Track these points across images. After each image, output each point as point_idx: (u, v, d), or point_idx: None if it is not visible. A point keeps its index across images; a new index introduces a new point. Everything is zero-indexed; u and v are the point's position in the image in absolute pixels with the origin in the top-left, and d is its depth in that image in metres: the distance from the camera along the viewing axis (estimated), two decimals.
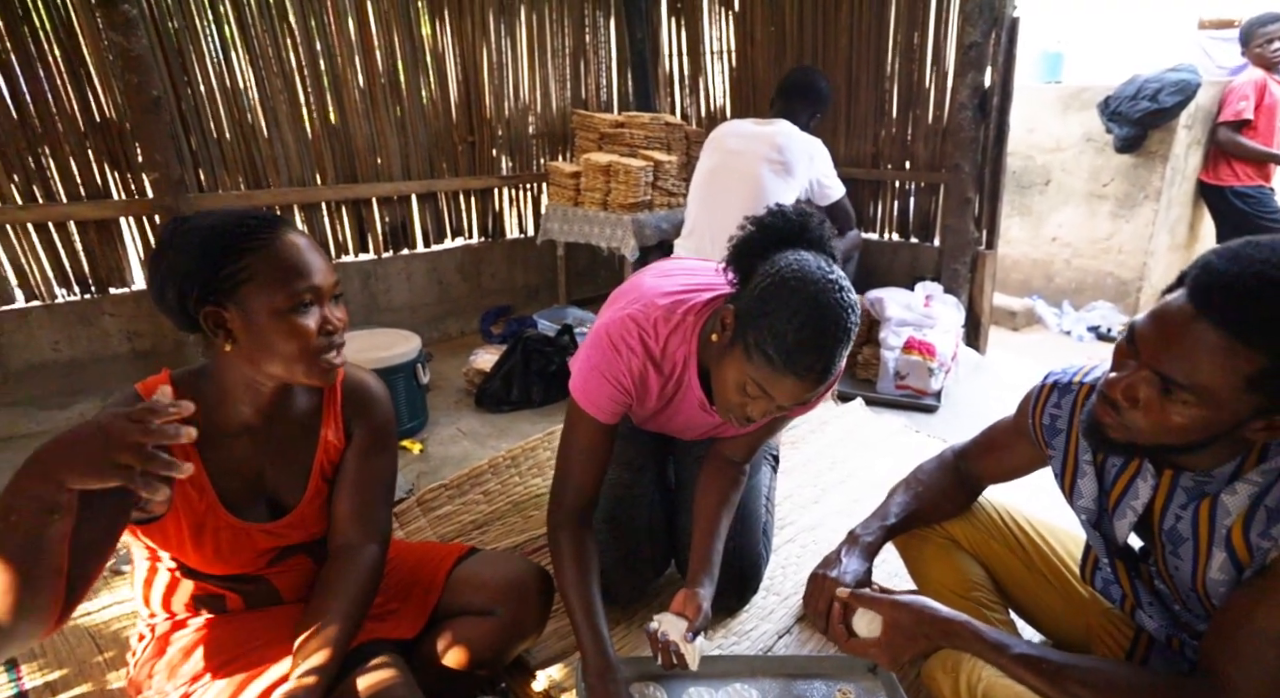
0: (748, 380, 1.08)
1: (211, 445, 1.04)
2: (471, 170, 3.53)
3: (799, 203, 2.64)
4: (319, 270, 1.00)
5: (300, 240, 1.01)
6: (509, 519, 1.99)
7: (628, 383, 1.25)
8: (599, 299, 3.93)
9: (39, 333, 2.48)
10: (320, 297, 1.01)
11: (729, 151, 2.71)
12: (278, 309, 0.96)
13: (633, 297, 1.29)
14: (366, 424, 1.18)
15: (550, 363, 2.87)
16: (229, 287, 0.95)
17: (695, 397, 1.30)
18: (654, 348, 1.24)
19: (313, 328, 0.99)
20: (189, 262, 0.95)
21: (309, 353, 0.99)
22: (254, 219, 0.99)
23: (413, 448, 2.46)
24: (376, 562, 1.16)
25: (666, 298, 1.26)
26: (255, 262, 0.96)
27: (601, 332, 1.26)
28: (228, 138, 2.74)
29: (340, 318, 1.04)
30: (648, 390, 1.29)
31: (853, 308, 1.06)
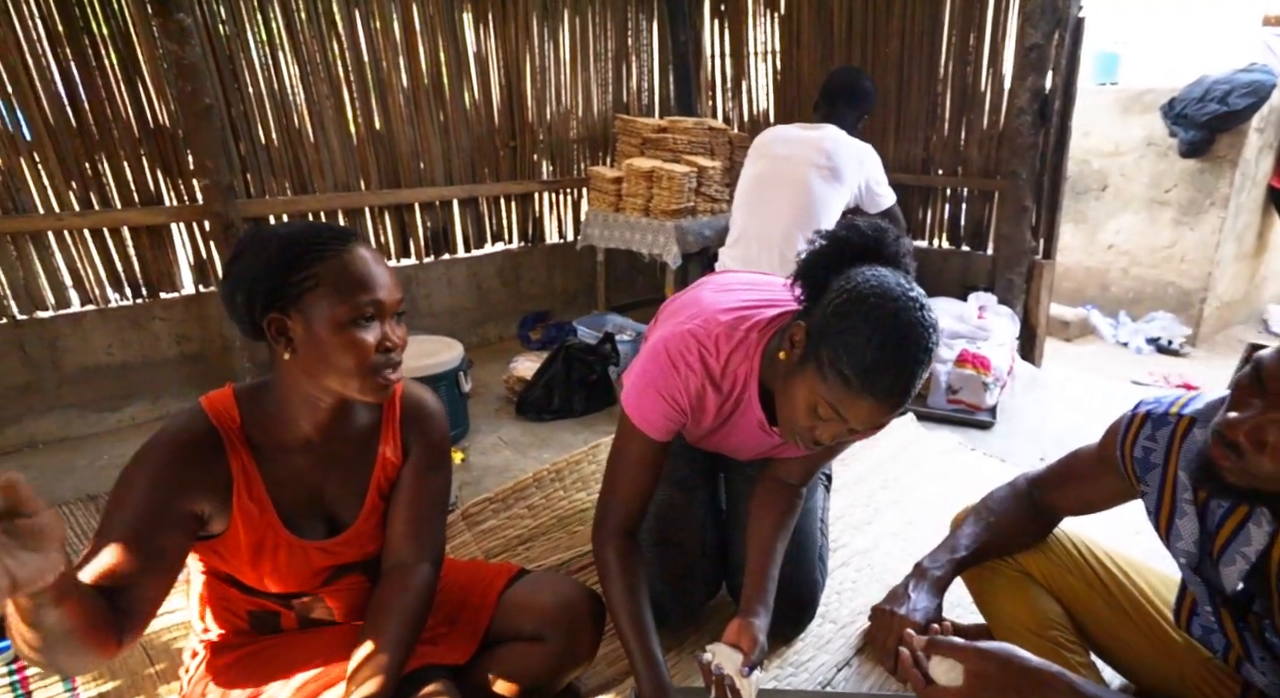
0: (819, 401, 1.03)
1: (271, 461, 1.03)
2: (513, 175, 3.52)
3: (848, 211, 2.57)
4: (383, 286, 0.98)
5: (369, 254, 0.99)
6: (554, 535, 1.96)
7: (684, 402, 1.21)
8: (638, 306, 3.89)
9: (93, 336, 2.52)
10: (382, 312, 0.98)
11: (776, 157, 2.64)
12: (338, 321, 0.94)
13: (692, 311, 1.25)
14: (423, 442, 1.16)
15: (592, 371, 2.83)
16: (294, 294, 0.94)
17: (755, 417, 1.25)
18: (714, 366, 1.19)
19: (371, 343, 0.96)
20: (259, 267, 0.94)
21: (365, 368, 0.97)
22: (328, 231, 0.99)
23: (454, 457, 2.44)
24: (430, 582, 1.13)
25: (729, 314, 1.21)
26: (322, 271, 0.94)
27: (659, 346, 1.21)
28: (275, 144, 2.75)
29: (401, 337, 1.01)
30: (704, 410, 1.24)
31: (934, 327, 1.01)
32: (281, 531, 1.04)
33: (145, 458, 0.95)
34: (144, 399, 2.63)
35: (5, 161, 2.24)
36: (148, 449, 0.95)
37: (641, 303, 3.96)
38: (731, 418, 1.28)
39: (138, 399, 2.62)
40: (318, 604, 1.15)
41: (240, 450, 1.01)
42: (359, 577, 1.15)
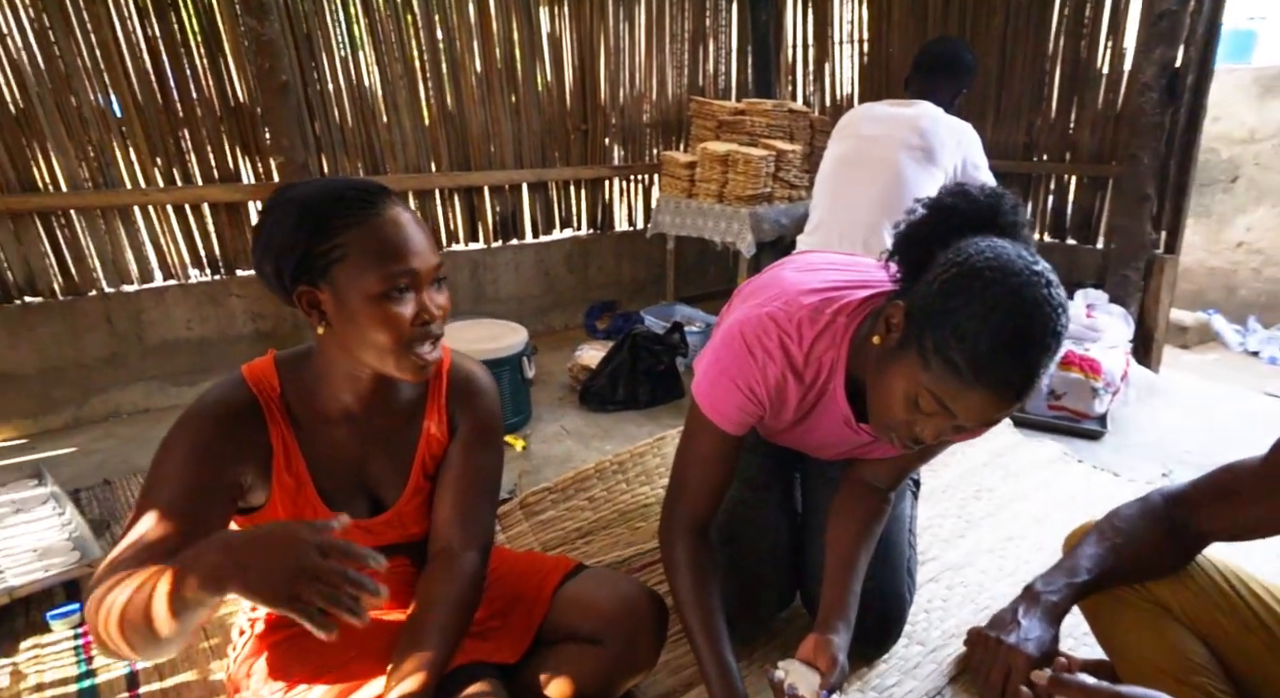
0: (921, 393, 0.89)
1: (311, 434, 0.97)
2: (583, 160, 3.44)
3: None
4: (418, 253, 0.89)
5: (402, 216, 0.90)
6: (615, 530, 1.85)
7: (762, 393, 1.08)
8: (708, 297, 3.76)
9: (174, 311, 2.58)
10: (418, 282, 0.89)
11: (863, 137, 2.44)
12: (370, 294, 0.86)
13: (772, 293, 1.11)
14: (471, 418, 1.08)
15: (659, 362, 2.71)
16: (322, 266, 0.87)
17: (840, 411, 1.11)
18: (796, 353, 1.06)
19: (407, 316, 0.88)
20: (284, 236, 0.87)
21: (401, 344, 0.88)
22: (353, 190, 0.89)
23: (515, 444, 2.37)
24: (476, 572, 1.05)
25: (813, 295, 1.07)
26: (350, 240, 0.86)
27: (735, 331, 1.09)
28: (349, 123, 2.76)
29: (441, 306, 0.93)
30: (784, 402, 1.11)
31: (1063, 307, 0.85)
32: (320, 508, 0.98)
33: (184, 427, 0.90)
34: (220, 374, 2.62)
35: (98, 137, 2.30)
36: (187, 418, 0.90)
37: (712, 294, 3.83)
38: (814, 412, 1.15)
39: (215, 374, 2.67)
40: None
41: (280, 421, 0.95)
42: (403, 560, 1.09)
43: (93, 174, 2.33)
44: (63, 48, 2.19)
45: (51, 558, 1.62)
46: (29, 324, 2.34)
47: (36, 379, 2.39)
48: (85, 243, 2.38)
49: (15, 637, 1.47)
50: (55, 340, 2.39)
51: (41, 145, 2.23)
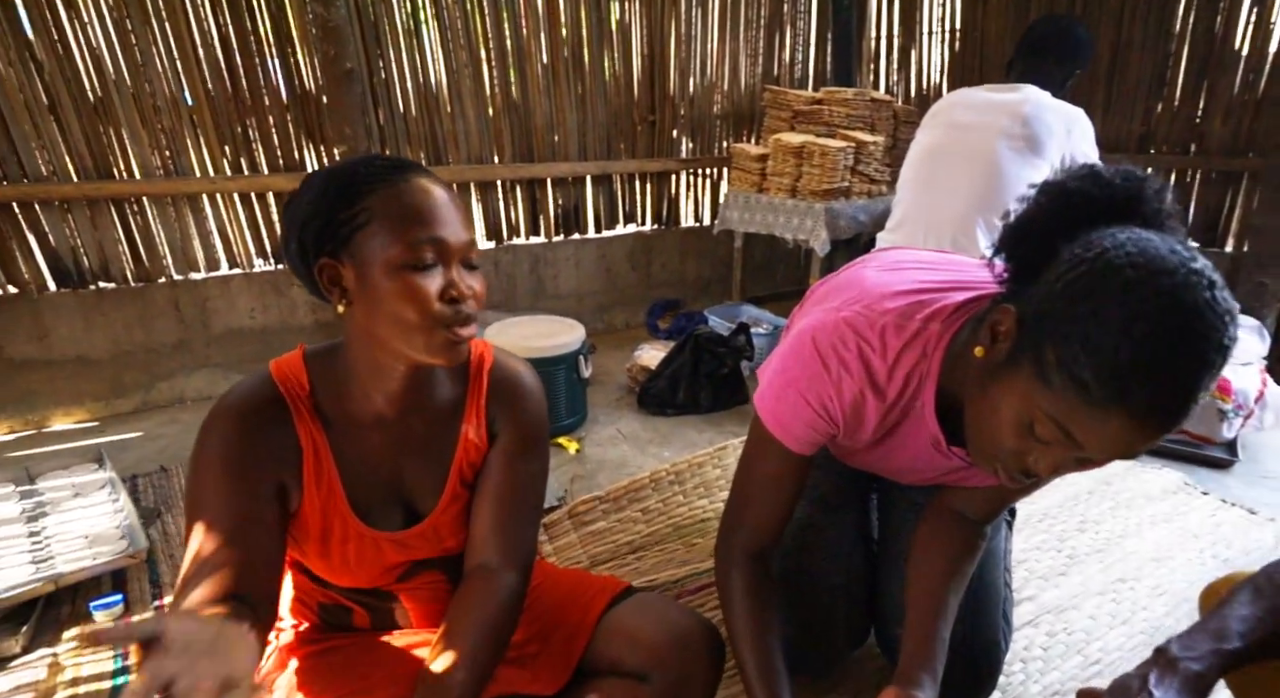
0: (1038, 417, 0.73)
1: (342, 437, 0.88)
2: (649, 152, 3.31)
3: None
4: (447, 223, 0.80)
5: (432, 187, 0.82)
6: (669, 545, 1.71)
7: (835, 410, 0.94)
8: (776, 298, 3.57)
9: (239, 300, 2.60)
10: (446, 254, 0.80)
11: (956, 126, 2.21)
12: (393, 263, 0.77)
13: (851, 295, 0.96)
14: (513, 423, 0.97)
15: (722, 365, 2.56)
16: (345, 234, 0.78)
17: (928, 432, 0.94)
18: (878, 366, 0.91)
19: (433, 290, 0.78)
20: (309, 206, 0.80)
21: (428, 321, 0.79)
22: (382, 160, 0.83)
23: (569, 446, 2.26)
24: (515, 593, 0.95)
25: (900, 298, 0.92)
26: (373, 204, 0.78)
27: (806, 338, 0.94)
28: (413, 113, 2.72)
29: (474, 287, 0.83)
30: (862, 421, 0.96)
31: (1231, 315, 0.67)
32: (351, 518, 0.90)
33: (210, 432, 0.82)
34: None
35: (169, 125, 2.32)
36: (211, 420, 0.83)
37: (781, 295, 3.64)
38: (896, 432, 0.99)
39: None
40: (391, 604, 1.01)
41: (309, 422, 0.86)
42: (438, 575, 0.99)
43: (164, 162, 2.35)
44: (139, 36, 2.21)
45: (101, 546, 1.60)
46: (103, 309, 2.39)
47: (109, 364, 2.44)
48: (156, 230, 2.41)
49: (59, 625, 1.45)
50: (126, 326, 2.44)
51: (117, 133, 2.26)
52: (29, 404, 2.36)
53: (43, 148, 2.18)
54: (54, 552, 1.58)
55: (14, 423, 2.35)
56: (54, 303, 2.32)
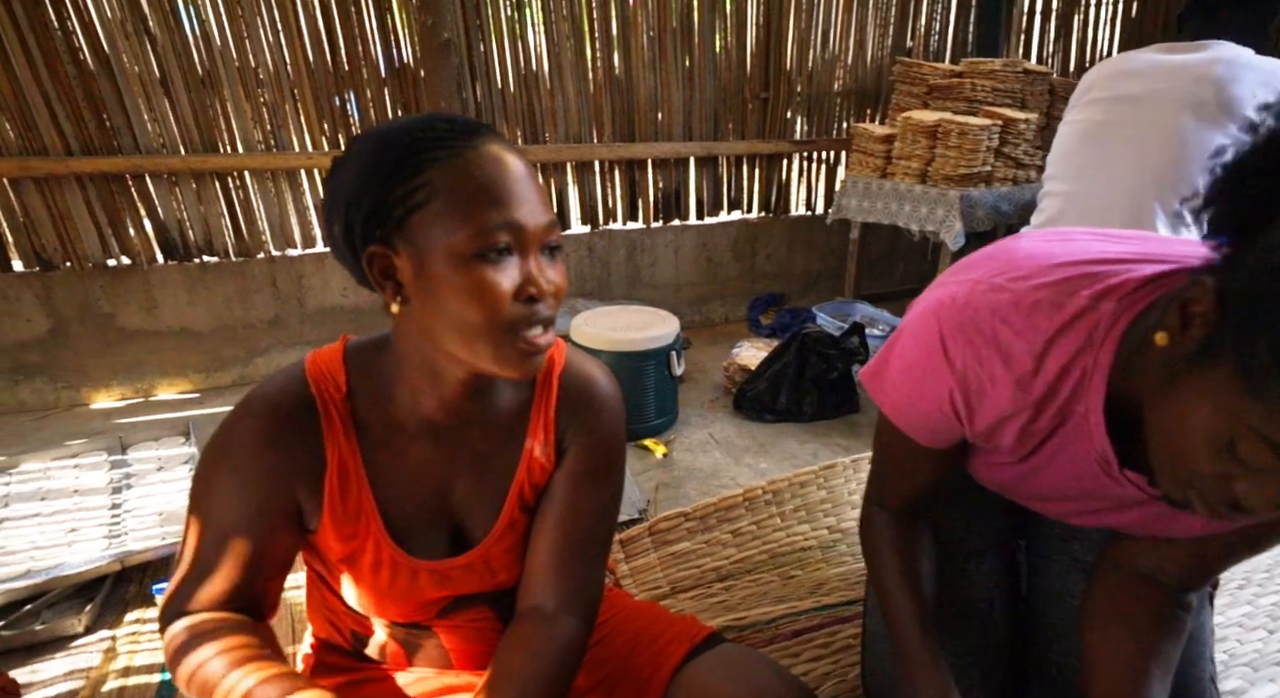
0: (1242, 432, 0.52)
1: (381, 448, 0.73)
2: (760, 133, 3.05)
3: None
4: (524, 201, 0.63)
5: (507, 156, 0.64)
6: (763, 576, 1.49)
7: (960, 406, 0.72)
8: (895, 296, 3.23)
9: (332, 279, 2.57)
10: (524, 241, 0.63)
11: (1125, 98, 1.81)
12: (457, 252, 0.60)
13: (996, 266, 0.72)
14: (586, 439, 0.80)
15: (831, 369, 2.28)
16: (399, 216, 0.62)
17: (1092, 448, 0.69)
18: (1020, 355, 0.68)
19: (506, 287, 0.62)
20: (356, 179, 0.63)
21: (500, 325, 0.63)
22: (445, 121, 0.64)
23: (656, 450, 2.07)
24: (574, 643, 0.77)
25: (1063, 270, 0.68)
26: (435, 178, 0.61)
27: (929, 314, 0.73)
28: (511, 88, 2.59)
29: (554, 281, 0.65)
30: (998, 427, 0.73)
31: None
32: (385, 541, 0.75)
33: (229, 428, 0.70)
34: None
35: (271, 99, 2.30)
36: (234, 415, 0.70)
37: (899, 294, 3.29)
38: (1046, 447, 0.74)
39: None
40: (429, 641, 0.85)
41: (339, 430, 0.72)
42: (485, 611, 0.84)
43: (265, 136, 2.34)
44: (245, 7, 2.19)
45: (171, 525, 1.56)
46: (206, 283, 2.42)
47: (209, 337, 2.48)
48: (256, 205, 2.41)
49: (124, 606, 1.41)
50: (226, 300, 2.46)
51: (222, 107, 2.27)
52: (138, 373, 2.43)
53: (154, 120, 2.21)
54: (128, 528, 1.55)
55: (124, 390, 2.43)
56: (161, 275, 2.36)
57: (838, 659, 1.26)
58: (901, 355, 0.77)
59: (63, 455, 1.86)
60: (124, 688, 1.22)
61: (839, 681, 1.21)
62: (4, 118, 2.04)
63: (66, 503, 1.65)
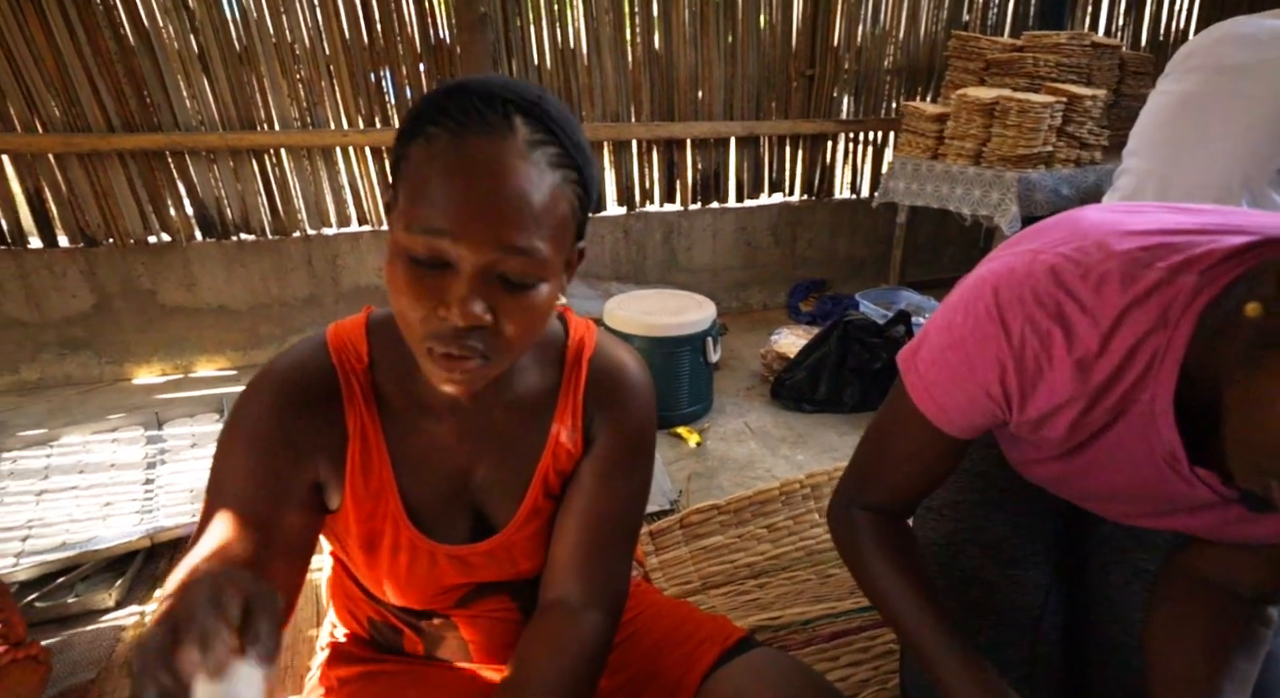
0: None
1: (402, 425, 0.70)
2: (804, 112, 2.93)
3: None
4: (481, 213, 0.53)
5: (502, 157, 0.53)
6: (799, 573, 1.42)
7: (1011, 391, 0.65)
8: (942, 283, 3.09)
9: (366, 258, 2.56)
10: (463, 252, 0.53)
11: (1226, 69, 1.67)
12: (396, 242, 0.56)
13: (1059, 236, 0.64)
14: (615, 428, 0.75)
15: (874, 358, 2.19)
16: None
17: (1160, 443, 0.61)
18: (1085, 332, 0.60)
19: (417, 298, 0.55)
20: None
21: (416, 333, 0.57)
22: (475, 96, 0.55)
23: (689, 438, 2.01)
24: (599, 639, 0.73)
25: (1137, 239, 0.61)
26: (413, 155, 0.55)
27: (984, 285, 0.65)
28: (548, 65, 2.53)
29: (502, 314, 0.56)
30: (1052, 415, 0.65)
31: None
32: (404, 523, 0.71)
33: (247, 399, 0.66)
34: None
35: (307, 76, 2.28)
36: (252, 386, 0.67)
37: (946, 281, 3.15)
38: (1104, 438, 0.65)
39: None
40: (448, 631, 0.81)
41: (361, 404, 0.68)
42: (505, 601, 0.80)
43: (301, 114, 2.33)
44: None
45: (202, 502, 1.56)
46: (243, 261, 2.43)
47: (247, 314, 2.49)
48: (292, 182, 2.40)
49: (154, 582, 1.42)
50: (263, 278, 2.47)
51: (259, 84, 2.26)
52: (178, 349, 2.46)
53: (192, 97, 2.21)
54: (159, 504, 1.56)
55: (165, 367, 2.46)
56: (200, 252, 2.38)
57: (878, 665, 1.19)
58: (947, 330, 0.68)
59: (102, 429, 1.88)
60: None
61: (879, 688, 1.14)
62: (49, 94, 2.06)
63: (103, 477, 1.67)
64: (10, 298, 2.22)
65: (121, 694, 1.15)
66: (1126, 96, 2.52)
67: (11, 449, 1.78)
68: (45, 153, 2.11)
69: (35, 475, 1.67)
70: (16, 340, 2.27)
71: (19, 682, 0.98)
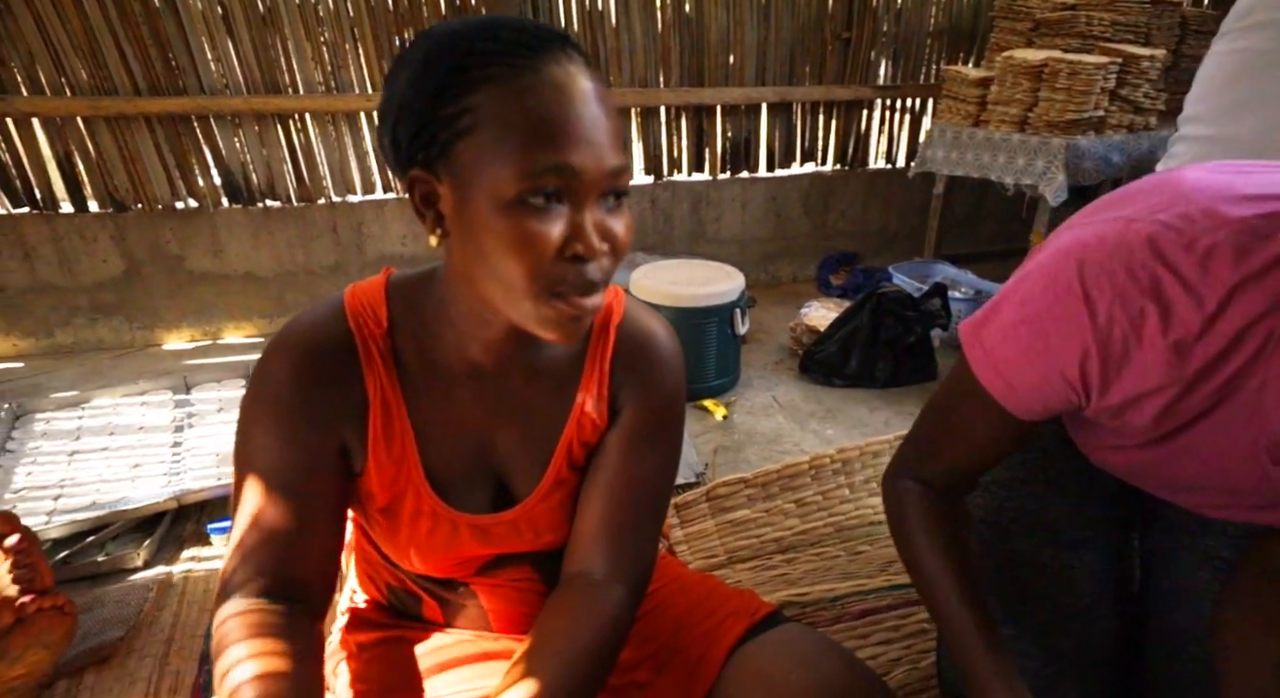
0: None
1: (423, 391, 0.68)
2: (839, 77, 2.82)
3: None
4: (586, 140, 0.52)
5: (577, 82, 0.53)
6: (828, 549, 1.39)
7: (1091, 374, 0.59)
8: (980, 257, 3.00)
9: (391, 226, 2.55)
10: (579, 188, 0.53)
11: None
12: (498, 194, 0.52)
13: (1158, 201, 0.57)
14: (643, 398, 0.73)
15: (908, 332, 2.12)
16: (444, 139, 0.53)
17: (1265, 432, 0.56)
18: (1185, 311, 0.54)
19: (550, 242, 0.53)
20: (407, 87, 0.54)
21: (540, 282, 0.54)
22: (513, 29, 0.53)
23: (715, 411, 1.97)
24: (622, 614, 0.71)
25: (1251, 204, 0.53)
26: (484, 103, 0.52)
27: (1069, 258, 0.59)
28: (575, 27, 2.46)
29: (615, 236, 0.56)
30: (1139, 402, 0.59)
31: None
32: (425, 490, 0.69)
33: (265, 366, 0.64)
34: None
35: (332, 38, 2.25)
36: (268, 353, 0.65)
37: (985, 255, 3.05)
38: (1199, 426, 0.60)
39: None
40: (468, 599, 0.80)
41: (380, 369, 0.66)
42: (527, 571, 0.78)
43: (325, 77, 2.30)
44: None
45: (227, 466, 1.57)
46: (269, 227, 2.43)
47: (273, 281, 2.49)
48: (317, 148, 2.38)
49: (181, 543, 1.43)
50: (289, 245, 2.46)
51: (283, 47, 2.22)
52: (206, 316, 2.47)
53: (217, 60, 2.18)
54: (187, 467, 1.57)
55: (193, 332, 2.48)
56: (227, 219, 2.38)
57: (910, 644, 1.16)
58: (1022, 304, 0.62)
59: (131, 393, 1.90)
60: (176, 622, 1.23)
61: (910, 667, 1.11)
62: (76, 57, 2.06)
63: (132, 439, 1.68)
64: (44, 262, 2.24)
65: (149, 652, 1.17)
66: (1187, 57, 2.38)
67: (45, 410, 1.81)
68: (74, 116, 2.11)
69: (67, 436, 1.69)
70: (50, 304, 2.30)
71: (45, 630, 0.99)
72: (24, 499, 1.44)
